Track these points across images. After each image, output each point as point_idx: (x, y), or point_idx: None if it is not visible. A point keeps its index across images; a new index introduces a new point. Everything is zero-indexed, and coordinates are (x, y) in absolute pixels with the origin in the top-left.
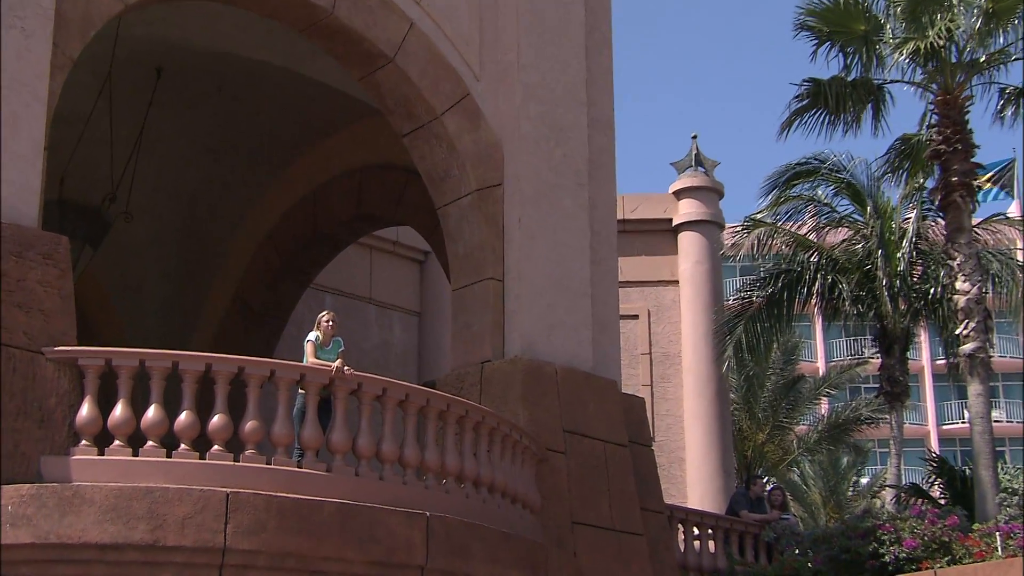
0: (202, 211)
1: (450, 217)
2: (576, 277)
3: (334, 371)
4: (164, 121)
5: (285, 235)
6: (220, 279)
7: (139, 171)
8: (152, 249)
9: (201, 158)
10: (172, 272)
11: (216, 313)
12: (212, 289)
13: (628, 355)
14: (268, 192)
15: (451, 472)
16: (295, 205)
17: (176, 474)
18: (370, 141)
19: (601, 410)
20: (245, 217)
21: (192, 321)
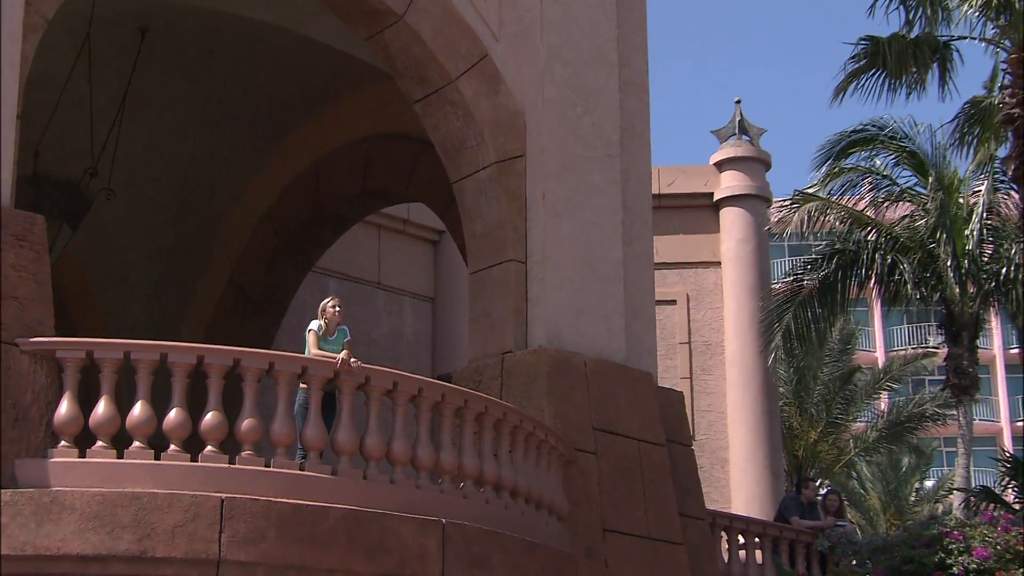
0: (192, 187)
1: (467, 192)
2: (607, 258)
3: (339, 363)
4: (149, 87)
5: (284, 213)
6: (213, 262)
7: (122, 142)
8: (137, 229)
9: (191, 128)
10: (160, 255)
11: (209, 300)
12: (204, 274)
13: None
14: (265, 166)
15: (469, 475)
16: (295, 180)
17: (165, 478)
18: (378, 109)
19: (635, 406)
20: (240, 193)
21: (182, 309)
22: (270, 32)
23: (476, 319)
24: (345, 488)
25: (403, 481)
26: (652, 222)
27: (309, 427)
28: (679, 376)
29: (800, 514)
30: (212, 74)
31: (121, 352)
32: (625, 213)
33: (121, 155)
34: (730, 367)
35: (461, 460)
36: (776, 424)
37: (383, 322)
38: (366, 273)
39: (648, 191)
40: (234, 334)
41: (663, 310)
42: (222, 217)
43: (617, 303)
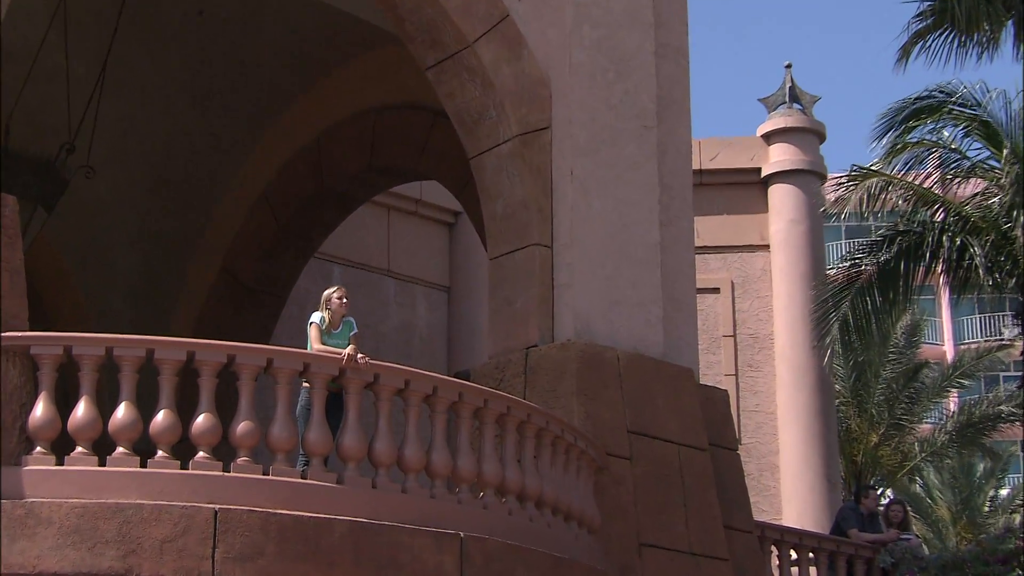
0: (180, 165)
1: (485, 169)
2: (642, 241)
3: (345, 359)
4: (132, 54)
5: (283, 193)
6: (204, 248)
7: (102, 116)
8: (120, 211)
9: (178, 100)
10: (145, 240)
11: (200, 290)
12: (194, 261)
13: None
14: (261, 141)
15: (490, 483)
16: (294, 156)
17: (152, 487)
18: (386, 76)
19: (674, 406)
20: (234, 172)
21: (170, 300)
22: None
23: (497, 310)
24: (352, 498)
25: (416, 490)
26: (693, 201)
27: (312, 430)
28: (723, 373)
29: (859, 526)
30: (201, 40)
31: (103, 348)
32: (662, 191)
33: (101, 130)
34: (780, 362)
35: (481, 467)
36: (832, 426)
37: (393, 314)
38: (374, 259)
39: (688, 166)
40: (228, 328)
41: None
42: (214, 198)
43: (654, 291)
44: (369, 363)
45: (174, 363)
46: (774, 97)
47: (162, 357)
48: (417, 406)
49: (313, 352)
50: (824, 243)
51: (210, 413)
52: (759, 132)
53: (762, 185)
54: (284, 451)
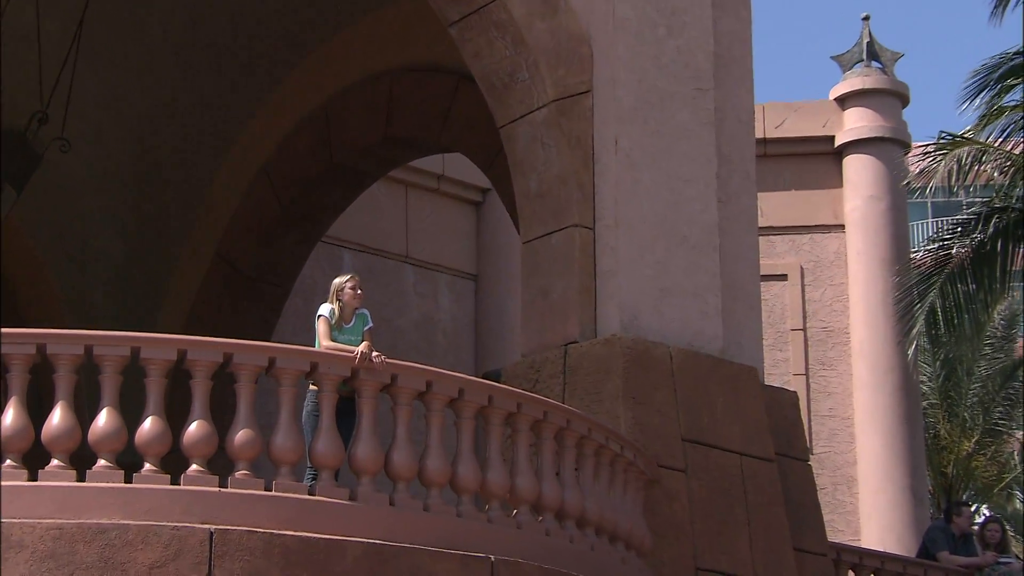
0: (168, 138)
1: (518, 139)
2: (697, 222)
3: (358, 358)
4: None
5: (285, 169)
6: (196, 233)
7: (79, 82)
8: (100, 191)
9: (165, 64)
10: (128, 224)
11: (191, 281)
12: (185, 247)
13: (773, 331)
14: (261, 109)
15: (524, 499)
16: (299, 127)
17: (139, 505)
18: (403, 34)
19: (735, 410)
20: (229, 145)
21: (157, 292)
22: None
23: (531, 301)
24: (367, 517)
25: (440, 508)
26: (755, 174)
27: (320, 440)
28: (791, 372)
29: (951, 548)
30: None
31: (81, 346)
32: (720, 163)
33: (78, 98)
34: (857, 360)
35: (514, 481)
36: (918, 433)
37: (413, 306)
38: (390, 244)
39: (750, 134)
40: (224, 323)
41: (771, 287)
42: (206, 175)
43: (711, 279)
44: (385, 362)
45: (163, 363)
46: (849, 54)
47: (149, 356)
48: (440, 411)
49: (321, 350)
50: (908, 222)
51: (204, 420)
52: (832, 95)
53: (836, 156)
54: (289, 463)
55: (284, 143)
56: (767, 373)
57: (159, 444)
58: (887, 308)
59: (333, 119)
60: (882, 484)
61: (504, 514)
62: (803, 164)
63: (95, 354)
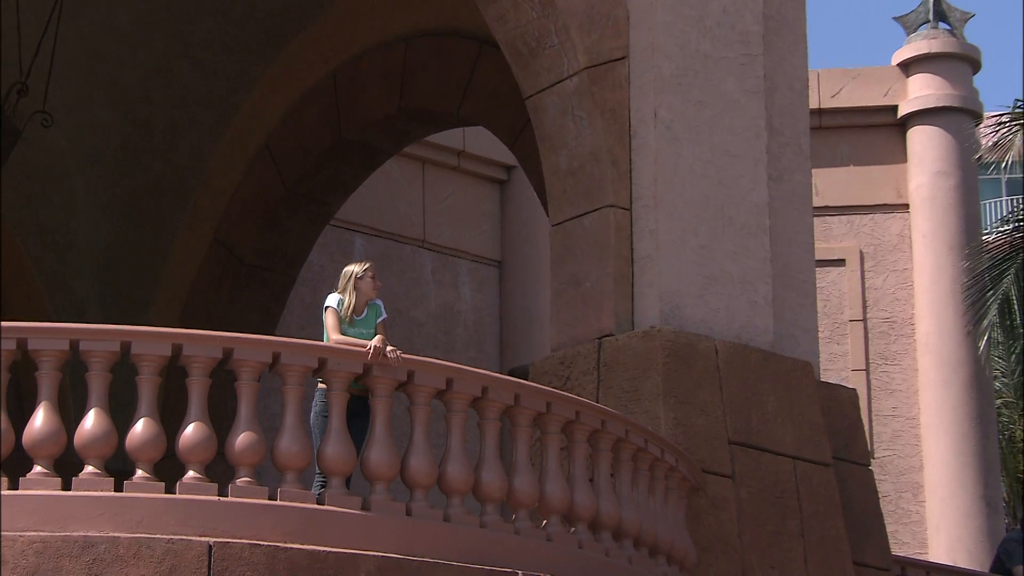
0: (161, 111)
1: (546, 111)
2: (745, 201)
3: (371, 353)
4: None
5: (290, 145)
6: (192, 216)
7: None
8: (85, 171)
9: (157, 29)
10: (116, 206)
11: (186, 268)
12: (180, 232)
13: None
14: (261, 79)
15: (555, 508)
16: (304, 99)
17: (130, 516)
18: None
19: (788, 409)
20: (227, 119)
21: (149, 281)
22: None
23: (562, 290)
24: (381, 528)
25: (462, 518)
26: (810, 149)
27: (330, 443)
28: (850, 367)
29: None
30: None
31: (66, 341)
32: (771, 136)
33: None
34: (923, 354)
35: (543, 488)
36: (991, 434)
37: (431, 295)
38: (406, 227)
39: (804, 105)
40: (223, 315)
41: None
42: (202, 152)
43: (761, 264)
44: (401, 358)
45: (156, 359)
46: (914, 15)
47: (141, 352)
48: (462, 412)
49: (330, 344)
50: (979, 201)
51: (202, 422)
52: (895, 60)
53: (899, 127)
54: (295, 469)
55: (289, 116)
56: (823, 369)
57: (152, 449)
58: (956, 296)
59: (342, 90)
60: (951, 491)
61: (533, 525)
62: (863, 137)
63: (81, 349)
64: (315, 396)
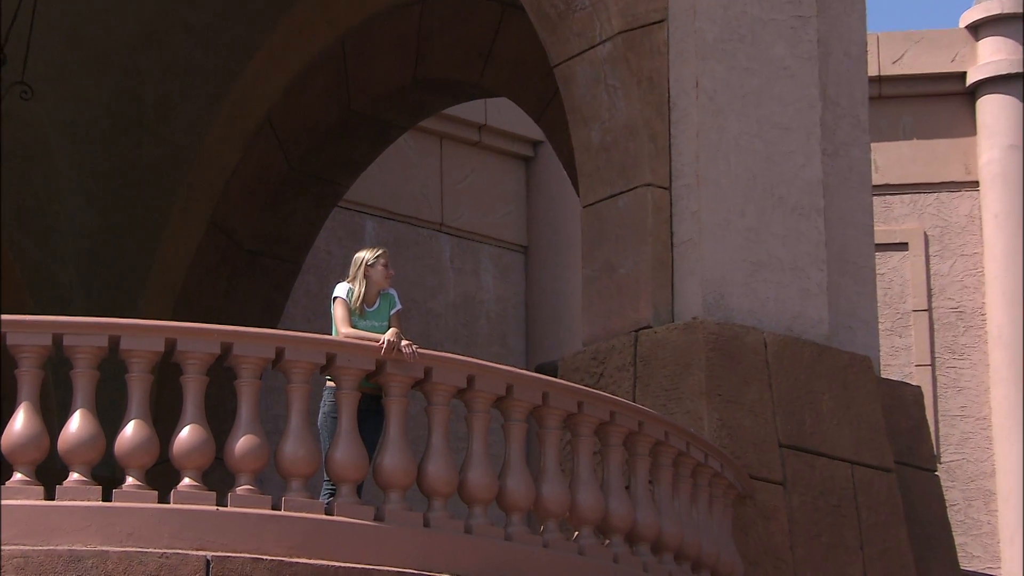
0: (151, 82)
1: (576, 80)
2: (797, 179)
3: (384, 348)
4: None
5: (294, 119)
6: (185, 198)
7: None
8: (68, 147)
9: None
10: (102, 187)
11: (181, 255)
12: (171, 215)
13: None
14: (263, 46)
15: (587, 518)
16: (310, 67)
17: (120, 528)
18: None
19: (845, 408)
20: (223, 90)
21: (139, 269)
22: None
23: (594, 278)
24: (396, 540)
25: (485, 529)
26: (869, 120)
27: (339, 447)
28: (914, 362)
29: None
30: None
31: (48, 335)
32: (826, 107)
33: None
34: (995, 347)
35: (574, 496)
36: None
37: (450, 285)
38: (422, 209)
39: (862, 72)
40: (220, 306)
41: (888, 259)
42: (197, 127)
43: (814, 248)
44: (418, 353)
45: (147, 355)
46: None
47: (131, 347)
48: (485, 412)
49: (340, 338)
50: None
51: (198, 425)
52: (963, 22)
53: (968, 97)
54: (301, 476)
55: (292, 87)
56: (884, 364)
57: (144, 454)
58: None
59: (351, 58)
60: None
61: (563, 537)
62: (927, 107)
63: (65, 345)
64: (323, 396)
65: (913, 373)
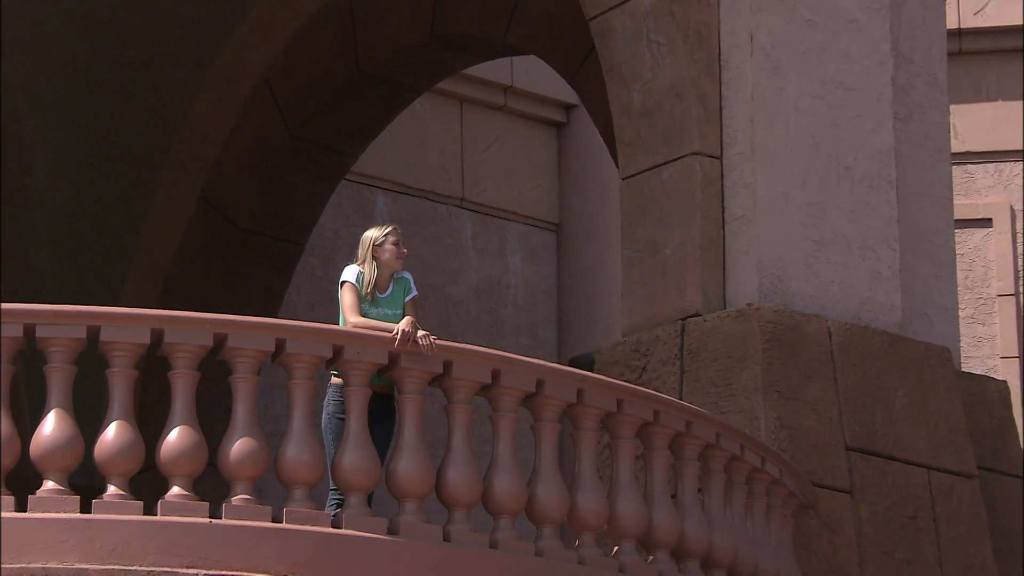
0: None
1: (614, 35)
2: (865, 147)
3: (399, 339)
4: None
5: (295, 81)
6: (172, 171)
7: None
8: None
9: None
10: (81, 159)
11: (168, 236)
12: (158, 190)
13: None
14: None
15: (629, 531)
16: (312, 23)
17: (101, 543)
18: None
19: (921, 407)
20: (215, 50)
21: (121, 252)
22: None
23: (635, 259)
24: (413, 556)
25: (513, 543)
26: (948, 81)
27: (348, 451)
28: (999, 353)
29: None
30: None
31: (19, 325)
32: (898, 64)
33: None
34: None
35: (614, 506)
36: None
37: (472, 268)
38: (440, 182)
39: (940, 24)
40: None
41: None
42: (187, 91)
43: (885, 225)
44: (436, 344)
45: (131, 348)
46: None
47: (113, 339)
48: (512, 412)
49: (348, 328)
50: None
51: (188, 426)
52: None
53: None
54: (305, 484)
55: (294, 44)
56: (965, 356)
57: (127, 459)
58: None
59: (360, 10)
60: None
61: (601, 553)
62: (1014, 64)
63: (38, 336)
64: (328, 393)
65: (998, 366)
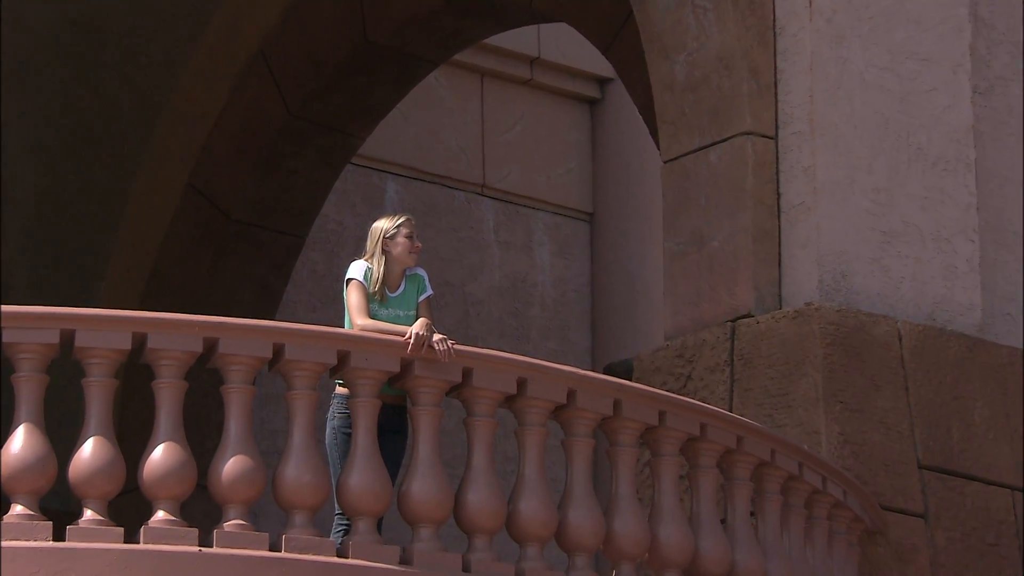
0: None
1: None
2: (940, 125)
3: (412, 344)
4: None
5: (294, 53)
6: (157, 153)
7: None
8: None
9: None
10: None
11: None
12: (140, 176)
13: None
14: None
15: (673, 560)
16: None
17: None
18: None
19: (1003, 419)
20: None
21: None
22: None
23: (679, 253)
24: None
25: (541, 573)
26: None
27: (354, 471)
28: None
29: None
30: None
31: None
32: (977, 32)
33: None
34: None
35: (655, 532)
36: None
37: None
38: (458, 167)
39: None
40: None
41: None
42: (173, 65)
43: (963, 214)
44: (454, 350)
45: (111, 355)
46: None
47: (89, 344)
48: (540, 426)
49: (355, 331)
50: None
51: (175, 443)
52: None
53: None
54: (306, 508)
55: (293, 12)
56: None
57: (106, 480)
58: None
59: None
60: None
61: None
62: None
63: (5, 342)
64: (332, 405)
65: None
